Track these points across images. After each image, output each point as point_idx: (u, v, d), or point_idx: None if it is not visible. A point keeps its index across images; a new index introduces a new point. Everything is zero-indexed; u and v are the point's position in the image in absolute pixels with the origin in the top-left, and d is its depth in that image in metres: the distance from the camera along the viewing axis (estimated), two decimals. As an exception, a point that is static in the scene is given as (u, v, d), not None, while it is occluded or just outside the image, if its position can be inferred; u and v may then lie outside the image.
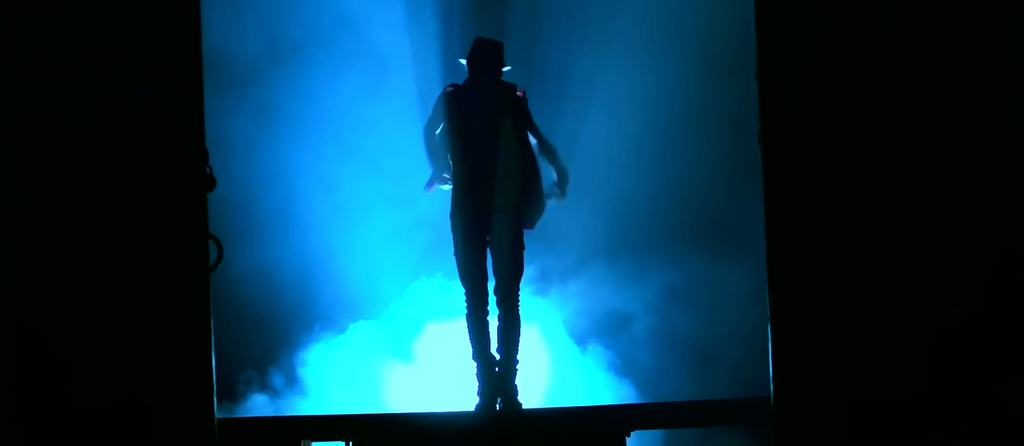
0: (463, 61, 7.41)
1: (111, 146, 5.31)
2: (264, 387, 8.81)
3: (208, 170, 5.37)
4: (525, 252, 7.27)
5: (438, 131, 7.28)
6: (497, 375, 7.12)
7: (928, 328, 5.37)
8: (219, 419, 5.54)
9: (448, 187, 7.28)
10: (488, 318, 7.23)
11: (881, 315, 5.38)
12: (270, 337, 8.96)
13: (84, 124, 5.30)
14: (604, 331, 8.96)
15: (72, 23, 5.30)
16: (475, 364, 7.16)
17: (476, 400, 7.14)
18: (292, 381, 8.84)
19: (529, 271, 7.49)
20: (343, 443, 6.74)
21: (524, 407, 7.15)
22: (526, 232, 7.25)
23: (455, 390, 7.84)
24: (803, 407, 5.37)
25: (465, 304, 7.23)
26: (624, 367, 8.73)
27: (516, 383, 7.14)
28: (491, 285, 7.25)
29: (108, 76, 5.31)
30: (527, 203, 7.21)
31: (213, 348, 5.41)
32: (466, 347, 7.25)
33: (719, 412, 6.83)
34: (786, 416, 5.38)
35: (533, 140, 7.32)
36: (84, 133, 5.31)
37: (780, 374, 5.39)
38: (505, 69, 7.37)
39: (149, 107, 5.28)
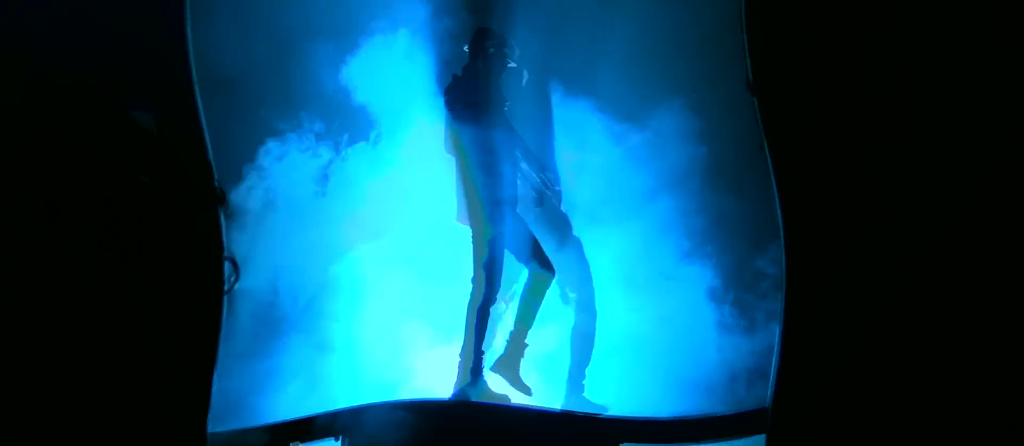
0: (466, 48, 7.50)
1: (115, 166, 5.24)
2: None
3: (216, 184, 5.28)
4: None
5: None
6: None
7: (940, 336, 5.36)
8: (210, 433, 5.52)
9: None
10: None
11: (890, 321, 5.35)
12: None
13: (82, 145, 5.22)
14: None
15: (61, 46, 5.21)
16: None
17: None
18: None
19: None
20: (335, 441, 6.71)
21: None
22: None
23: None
24: (802, 415, 5.38)
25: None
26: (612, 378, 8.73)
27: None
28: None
29: (102, 96, 5.22)
30: None
31: (215, 368, 5.36)
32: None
33: (711, 427, 6.88)
34: (783, 424, 5.40)
35: None
36: (85, 154, 5.23)
37: (783, 378, 5.38)
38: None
39: (147, 127, 5.19)
